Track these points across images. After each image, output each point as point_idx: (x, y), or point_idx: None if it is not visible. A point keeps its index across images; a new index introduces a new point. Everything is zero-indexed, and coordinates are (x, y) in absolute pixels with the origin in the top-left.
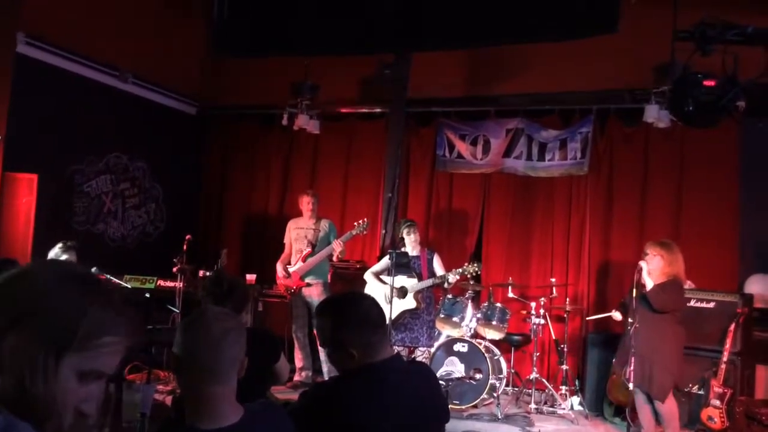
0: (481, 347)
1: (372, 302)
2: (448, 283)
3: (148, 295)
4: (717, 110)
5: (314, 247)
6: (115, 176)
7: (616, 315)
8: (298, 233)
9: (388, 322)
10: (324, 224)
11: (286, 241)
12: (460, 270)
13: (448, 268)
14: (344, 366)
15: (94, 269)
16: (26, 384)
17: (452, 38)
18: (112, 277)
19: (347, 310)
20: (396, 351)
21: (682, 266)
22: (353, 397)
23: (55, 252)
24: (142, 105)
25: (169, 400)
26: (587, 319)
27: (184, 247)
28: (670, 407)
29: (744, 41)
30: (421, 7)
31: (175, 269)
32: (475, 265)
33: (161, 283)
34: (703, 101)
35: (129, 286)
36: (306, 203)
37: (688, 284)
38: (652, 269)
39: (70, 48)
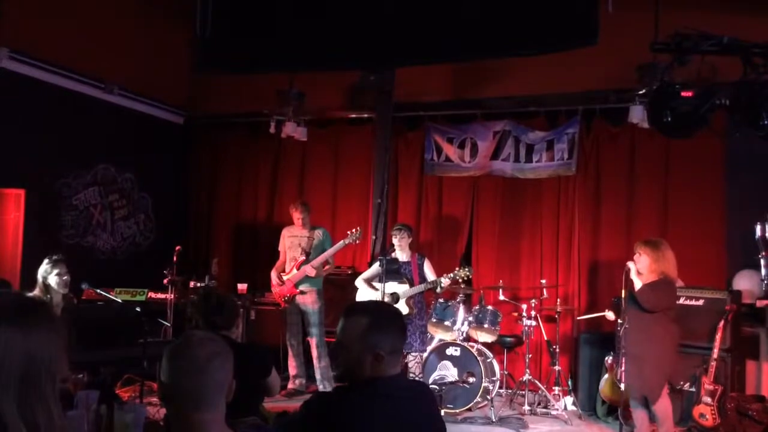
0: (473, 350)
1: (401, 313)
2: (441, 288)
3: (138, 309)
4: (695, 120)
5: (308, 255)
6: (103, 188)
7: (610, 315)
8: (292, 241)
9: None
10: (318, 233)
11: (280, 249)
12: (452, 275)
13: (438, 272)
14: (360, 370)
15: (84, 285)
16: None
17: (434, 54)
18: (102, 291)
19: (384, 314)
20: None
21: (671, 263)
22: (356, 409)
23: (45, 269)
24: (129, 116)
25: (162, 412)
26: (578, 318)
27: (174, 258)
28: (664, 406)
29: (720, 51)
30: (404, 24)
31: (165, 281)
32: (467, 269)
33: (152, 295)
34: (681, 112)
35: (119, 300)
36: (296, 218)
37: (678, 282)
38: (641, 268)
39: (54, 61)
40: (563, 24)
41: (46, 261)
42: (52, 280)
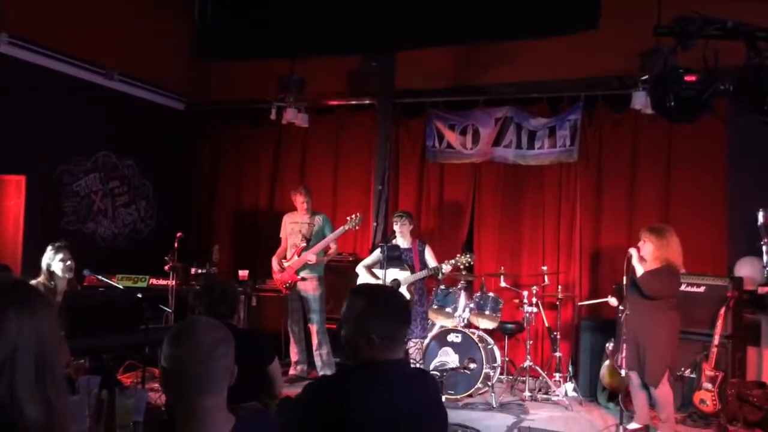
0: (474, 337)
1: (405, 301)
2: (442, 274)
3: (140, 295)
4: (699, 105)
5: (308, 241)
6: (104, 174)
7: (613, 301)
8: (292, 228)
9: None
10: (318, 219)
11: (282, 235)
12: (453, 261)
13: (440, 259)
14: (356, 351)
15: (86, 271)
16: None
17: (436, 37)
18: (103, 278)
19: (382, 298)
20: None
21: (675, 251)
22: (359, 393)
23: (48, 255)
24: (130, 102)
25: (163, 398)
26: (580, 304)
27: (176, 244)
28: (664, 392)
29: (724, 36)
30: (405, 8)
31: (167, 267)
32: (468, 256)
33: (153, 281)
34: (684, 96)
35: (121, 286)
36: (300, 202)
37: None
38: (645, 255)
39: (54, 47)
40: (565, 8)
41: (49, 248)
42: (56, 267)
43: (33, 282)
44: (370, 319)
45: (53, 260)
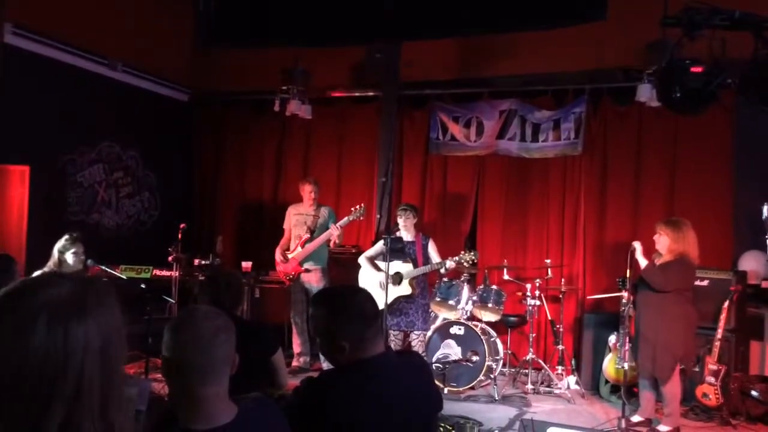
0: (477, 329)
1: (366, 297)
2: (445, 269)
3: (143, 286)
4: (704, 97)
5: (312, 233)
6: (108, 165)
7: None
8: (297, 219)
9: (383, 307)
10: (323, 211)
11: (285, 226)
12: (457, 258)
13: (443, 252)
14: (334, 358)
15: (89, 261)
16: None
17: (442, 28)
18: (107, 268)
19: (342, 303)
20: (388, 346)
21: (690, 244)
22: (346, 394)
23: (62, 244)
24: (133, 93)
25: (167, 388)
26: (590, 297)
27: (179, 235)
28: (672, 388)
29: (731, 26)
30: None
31: (170, 258)
32: (472, 253)
33: (157, 272)
34: (690, 88)
35: (124, 277)
36: (308, 192)
37: None
38: (660, 248)
39: (58, 37)
40: None
41: (65, 237)
42: (69, 257)
43: (39, 271)
44: (335, 328)
45: (68, 250)
